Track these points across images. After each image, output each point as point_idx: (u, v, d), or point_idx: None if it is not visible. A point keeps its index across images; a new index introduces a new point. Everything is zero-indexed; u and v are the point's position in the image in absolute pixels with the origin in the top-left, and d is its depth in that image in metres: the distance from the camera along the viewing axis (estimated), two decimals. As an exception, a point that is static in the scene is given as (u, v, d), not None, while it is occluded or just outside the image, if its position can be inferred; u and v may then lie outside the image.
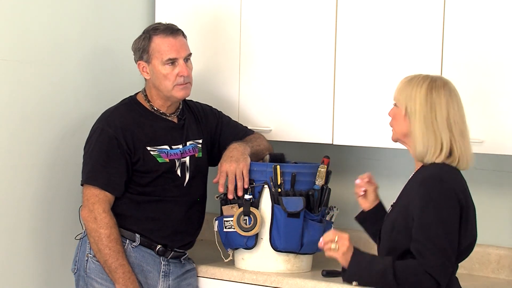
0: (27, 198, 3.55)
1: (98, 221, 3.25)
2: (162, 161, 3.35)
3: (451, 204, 2.72)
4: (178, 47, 3.35)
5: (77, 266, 3.37)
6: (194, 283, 3.50)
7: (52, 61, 3.61)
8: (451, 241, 2.71)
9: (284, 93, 3.65)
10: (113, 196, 3.30)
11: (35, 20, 3.54)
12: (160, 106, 3.40)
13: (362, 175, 3.12)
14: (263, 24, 3.68)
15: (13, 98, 3.47)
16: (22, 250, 3.54)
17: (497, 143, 3.21)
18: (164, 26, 3.37)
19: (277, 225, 3.37)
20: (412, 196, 2.78)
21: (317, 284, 3.31)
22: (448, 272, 2.73)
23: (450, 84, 2.83)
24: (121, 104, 3.43)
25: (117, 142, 3.28)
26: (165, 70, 3.33)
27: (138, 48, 3.38)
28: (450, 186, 2.74)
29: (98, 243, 3.25)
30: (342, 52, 3.51)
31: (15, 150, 3.49)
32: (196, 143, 3.46)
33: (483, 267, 3.54)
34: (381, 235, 2.89)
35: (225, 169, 3.35)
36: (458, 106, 2.81)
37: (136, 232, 3.34)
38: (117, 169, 3.29)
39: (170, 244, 3.38)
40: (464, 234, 2.76)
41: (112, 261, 3.24)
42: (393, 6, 3.39)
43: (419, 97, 2.79)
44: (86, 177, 3.31)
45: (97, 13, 3.81)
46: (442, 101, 2.78)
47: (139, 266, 3.34)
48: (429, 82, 2.80)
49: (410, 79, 2.85)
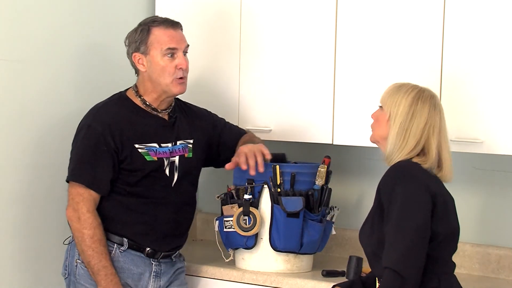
0: (14, 198, 3.51)
1: (82, 221, 3.19)
2: (150, 159, 3.29)
3: (416, 191, 2.72)
4: (178, 39, 3.31)
5: (68, 271, 3.32)
6: (182, 279, 3.45)
7: (49, 61, 3.61)
8: (414, 231, 2.68)
9: (284, 93, 3.65)
10: (98, 195, 3.24)
11: (30, 17, 3.53)
12: (152, 100, 3.33)
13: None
14: (263, 24, 3.69)
15: (8, 98, 3.45)
16: (8, 252, 3.49)
17: (497, 143, 3.21)
18: (162, 18, 3.34)
19: (277, 225, 3.37)
20: (380, 194, 2.80)
21: (317, 284, 3.31)
22: (412, 265, 2.67)
23: (436, 98, 2.89)
24: (109, 100, 3.37)
25: (104, 139, 3.22)
26: (163, 62, 3.27)
27: (134, 40, 3.31)
28: (412, 172, 2.76)
29: (81, 243, 3.20)
30: (342, 52, 3.51)
31: (11, 150, 3.47)
32: (186, 143, 3.40)
33: (483, 267, 3.54)
34: (360, 235, 2.90)
35: (243, 150, 3.32)
36: (440, 119, 2.86)
37: (123, 237, 3.28)
38: (103, 167, 3.23)
39: (158, 248, 3.33)
40: (439, 222, 2.75)
41: (95, 263, 3.19)
42: (393, 7, 3.39)
43: (403, 104, 2.83)
44: (71, 174, 3.26)
45: (97, 9, 3.80)
46: (424, 111, 2.82)
47: (129, 270, 3.29)
48: (416, 92, 2.85)
49: (400, 86, 2.90)
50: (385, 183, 2.79)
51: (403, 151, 2.81)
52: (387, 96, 2.89)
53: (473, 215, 3.57)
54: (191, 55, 3.44)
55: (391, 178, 2.77)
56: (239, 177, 3.44)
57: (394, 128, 2.83)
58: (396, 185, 2.74)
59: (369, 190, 3.82)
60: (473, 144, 3.21)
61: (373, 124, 2.95)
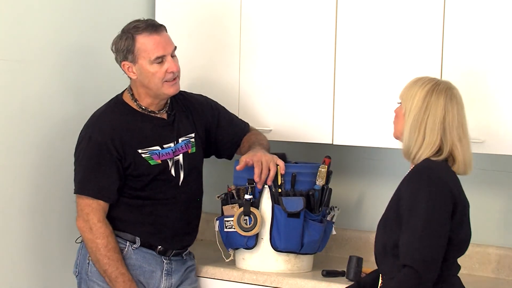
0: (23, 199, 3.53)
1: (94, 231, 3.21)
2: (154, 163, 3.30)
3: (441, 194, 2.71)
4: (164, 44, 3.27)
5: (78, 269, 3.35)
6: (193, 277, 3.48)
7: (49, 61, 3.61)
8: (435, 232, 2.68)
9: (284, 93, 3.65)
10: (107, 204, 3.26)
11: (30, 17, 3.53)
12: (148, 104, 3.34)
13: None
14: (263, 24, 3.68)
15: (8, 97, 3.44)
16: (20, 252, 3.52)
17: (497, 143, 3.21)
18: (144, 23, 3.28)
19: (277, 225, 3.37)
20: (402, 191, 2.78)
21: (317, 284, 3.31)
22: (434, 269, 2.68)
23: (454, 90, 2.83)
24: (107, 107, 3.36)
25: (106, 148, 3.23)
26: (153, 68, 3.25)
27: (121, 49, 3.28)
28: (440, 176, 2.74)
29: (96, 253, 3.22)
30: (342, 52, 3.51)
31: (12, 150, 3.47)
32: (188, 139, 3.41)
33: (483, 267, 3.54)
34: (376, 232, 2.89)
35: (260, 157, 3.31)
36: (458, 111, 2.80)
37: (135, 235, 3.32)
38: (109, 176, 3.24)
39: (169, 246, 3.36)
40: (458, 228, 2.75)
41: (112, 270, 3.21)
42: (393, 6, 3.39)
43: (417, 97, 2.80)
44: (77, 187, 3.27)
45: (97, 10, 3.80)
46: (439, 104, 2.78)
47: (141, 267, 3.32)
48: (432, 85, 2.81)
49: (417, 80, 2.86)
50: (409, 184, 2.75)
51: (423, 147, 2.77)
52: (404, 91, 2.86)
53: (473, 215, 3.56)
54: (191, 54, 3.44)
55: (415, 182, 2.73)
56: (239, 177, 3.44)
57: (409, 122, 2.80)
58: (420, 190, 2.70)
59: (369, 190, 3.83)
60: (473, 144, 3.20)
61: (393, 120, 2.91)
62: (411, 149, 2.80)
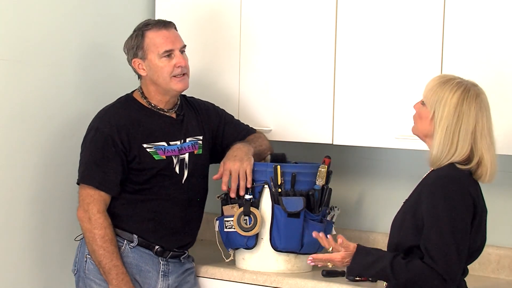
0: (24, 198, 3.53)
1: (93, 221, 3.24)
2: (158, 158, 3.32)
3: (464, 203, 2.70)
4: (173, 39, 3.34)
5: (77, 267, 3.36)
6: (192, 280, 3.49)
7: (49, 61, 3.61)
8: (461, 240, 2.68)
9: (284, 93, 3.65)
10: (109, 195, 3.29)
11: (30, 17, 3.53)
12: (158, 102, 3.37)
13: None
14: (263, 24, 3.69)
15: (8, 97, 3.45)
16: (20, 250, 3.53)
17: (498, 143, 3.21)
18: (155, 21, 3.38)
19: (277, 225, 3.37)
20: (423, 195, 2.75)
21: (317, 284, 3.31)
22: (456, 271, 2.69)
23: (483, 96, 2.79)
24: (117, 102, 3.41)
25: (112, 140, 3.26)
26: (162, 63, 3.31)
27: (131, 46, 3.35)
28: (463, 185, 2.72)
29: (92, 243, 3.24)
30: (342, 52, 3.51)
31: (12, 150, 3.48)
32: (196, 140, 3.43)
33: (483, 267, 3.54)
34: (391, 230, 2.88)
35: (228, 167, 3.35)
36: (487, 119, 2.78)
37: (133, 233, 3.33)
38: (113, 168, 3.27)
39: (167, 245, 3.36)
40: (475, 236, 2.75)
41: (106, 262, 3.23)
42: (393, 6, 3.39)
43: (449, 105, 2.74)
44: (81, 176, 3.30)
45: (97, 9, 3.80)
46: (471, 113, 2.74)
47: (137, 266, 3.33)
48: (462, 91, 2.75)
49: (445, 81, 2.78)
50: (432, 191, 2.72)
51: (454, 156, 2.74)
52: (430, 93, 2.78)
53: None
54: (191, 54, 3.44)
55: (439, 190, 2.71)
56: (239, 177, 3.44)
57: (441, 131, 2.74)
58: (444, 200, 2.69)
59: (369, 190, 3.83)
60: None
61: (415, 118, 2.85)
62: (442, 159, 2.76)
